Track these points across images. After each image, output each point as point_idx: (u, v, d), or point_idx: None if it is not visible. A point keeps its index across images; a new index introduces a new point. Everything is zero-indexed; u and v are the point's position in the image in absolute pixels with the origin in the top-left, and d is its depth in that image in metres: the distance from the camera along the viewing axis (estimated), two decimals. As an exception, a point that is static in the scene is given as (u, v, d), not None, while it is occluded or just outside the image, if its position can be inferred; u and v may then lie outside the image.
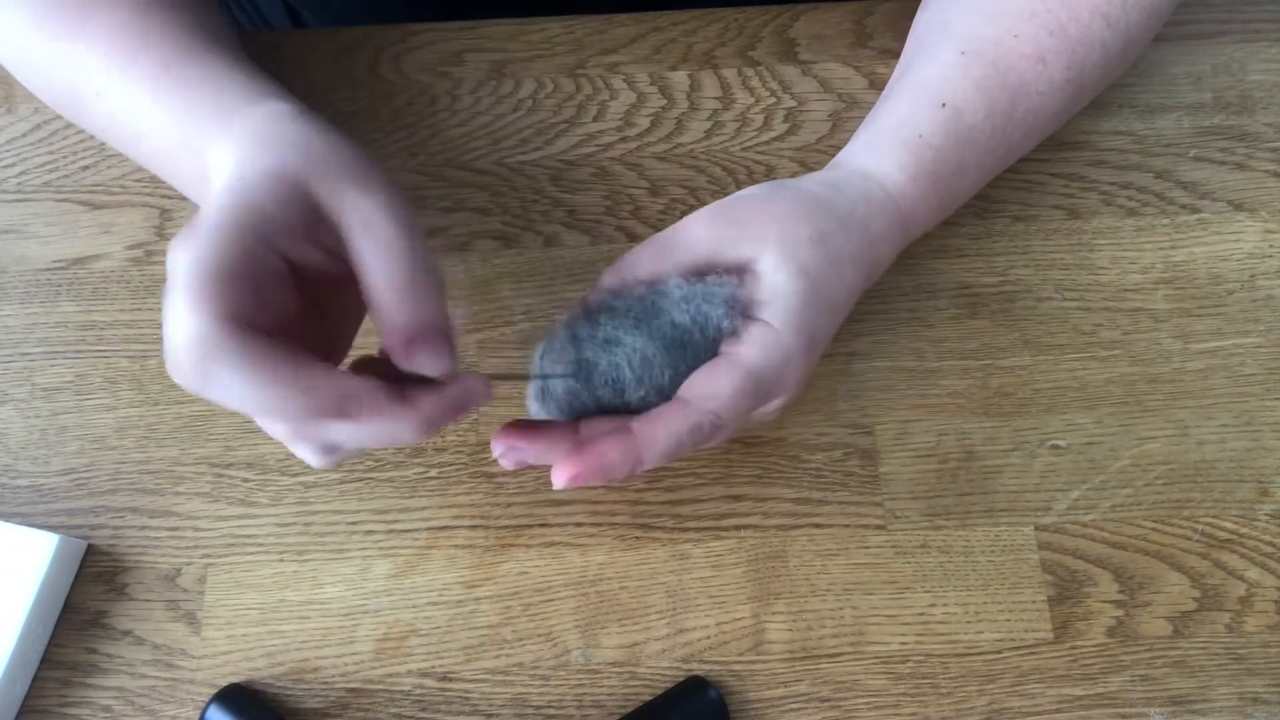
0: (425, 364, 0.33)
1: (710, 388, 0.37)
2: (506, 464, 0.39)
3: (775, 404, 0.40)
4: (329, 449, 0.36)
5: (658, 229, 0.50)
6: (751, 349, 0.38)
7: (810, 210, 0.40)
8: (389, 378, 0.33)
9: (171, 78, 0.42)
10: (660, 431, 0.37)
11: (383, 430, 0.33)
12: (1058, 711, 0.42)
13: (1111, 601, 0.44)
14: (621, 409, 0.39)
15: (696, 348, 0.38)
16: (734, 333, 0.38)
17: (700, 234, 0.40)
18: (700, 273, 0.39)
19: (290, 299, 0.34)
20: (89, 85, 0.43)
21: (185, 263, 0.31)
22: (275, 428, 0.35)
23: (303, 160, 0.35)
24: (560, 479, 0.37)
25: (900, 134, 0.44)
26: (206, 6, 0.47)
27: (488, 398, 0.35)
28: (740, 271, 0.39)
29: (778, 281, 0.38)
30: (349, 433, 0.33)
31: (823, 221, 0.40)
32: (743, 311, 0.38)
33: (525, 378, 0.39)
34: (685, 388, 0.38)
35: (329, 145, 0.36)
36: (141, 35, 0.43)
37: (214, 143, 0.39)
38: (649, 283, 0.39)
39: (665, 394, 0.38)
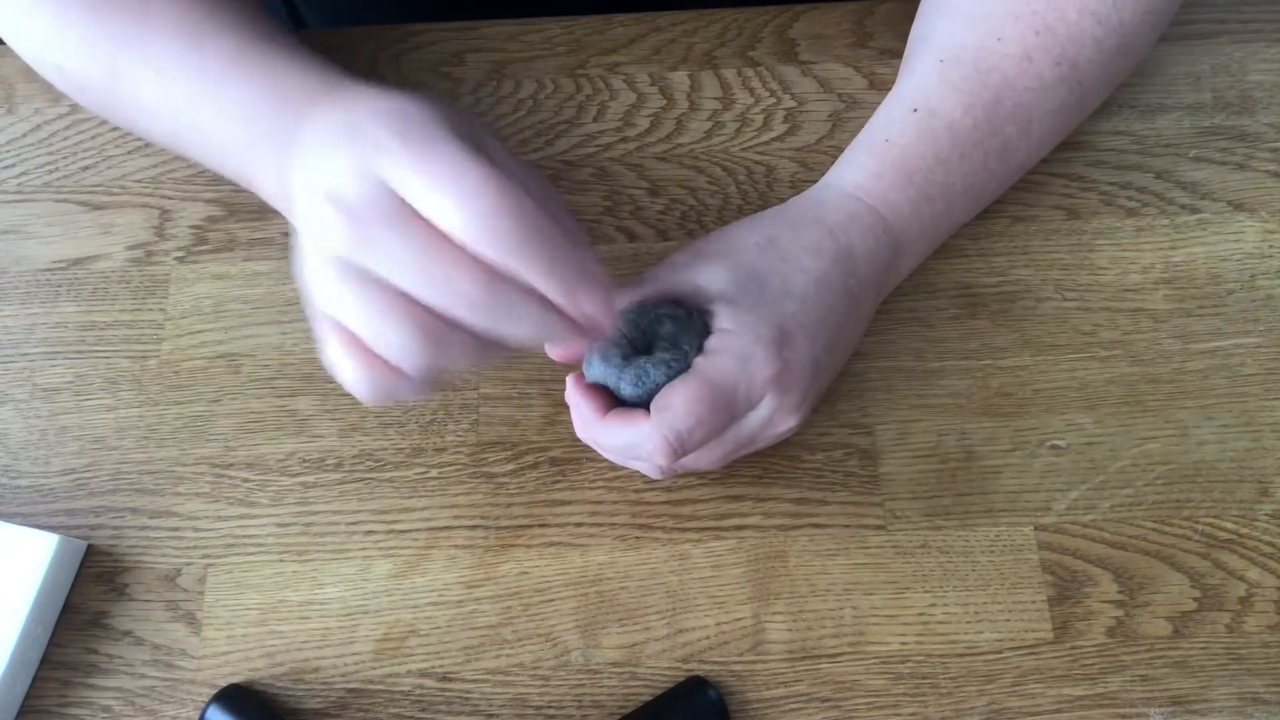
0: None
1: (665, 400, 0.39)
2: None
3: (768, 403, 0.40)
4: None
5: (658, 229, 0.51)
6: (708, 358, 0.39)
7: (755, 223, 0.43)
8: None
9: (248, 61, 0.42)
10: (611, 429, 0.40)
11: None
12: (1058, 711, 0.42)
13: (1111, 601, 0.44)
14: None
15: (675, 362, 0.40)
16: (700, 350, 0.40)
17: (664, 275, 0.42)
18: (667, 301, 0.41)
19: None
20: (146, 63, 0.43)
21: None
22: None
23: (463, 122, 0.34)
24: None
25: (866, 144, 0.46)
26: (260, 4, 0.47)
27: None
28: (701, 294, 0.41)
29: (728, 291, 0.40)
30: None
31: (768, 228, 0.43)
32: (702, 329, 0.40)
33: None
34: (654, 402, 0.39)
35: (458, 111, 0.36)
36: (211, 18, 0.43)
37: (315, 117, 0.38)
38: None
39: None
